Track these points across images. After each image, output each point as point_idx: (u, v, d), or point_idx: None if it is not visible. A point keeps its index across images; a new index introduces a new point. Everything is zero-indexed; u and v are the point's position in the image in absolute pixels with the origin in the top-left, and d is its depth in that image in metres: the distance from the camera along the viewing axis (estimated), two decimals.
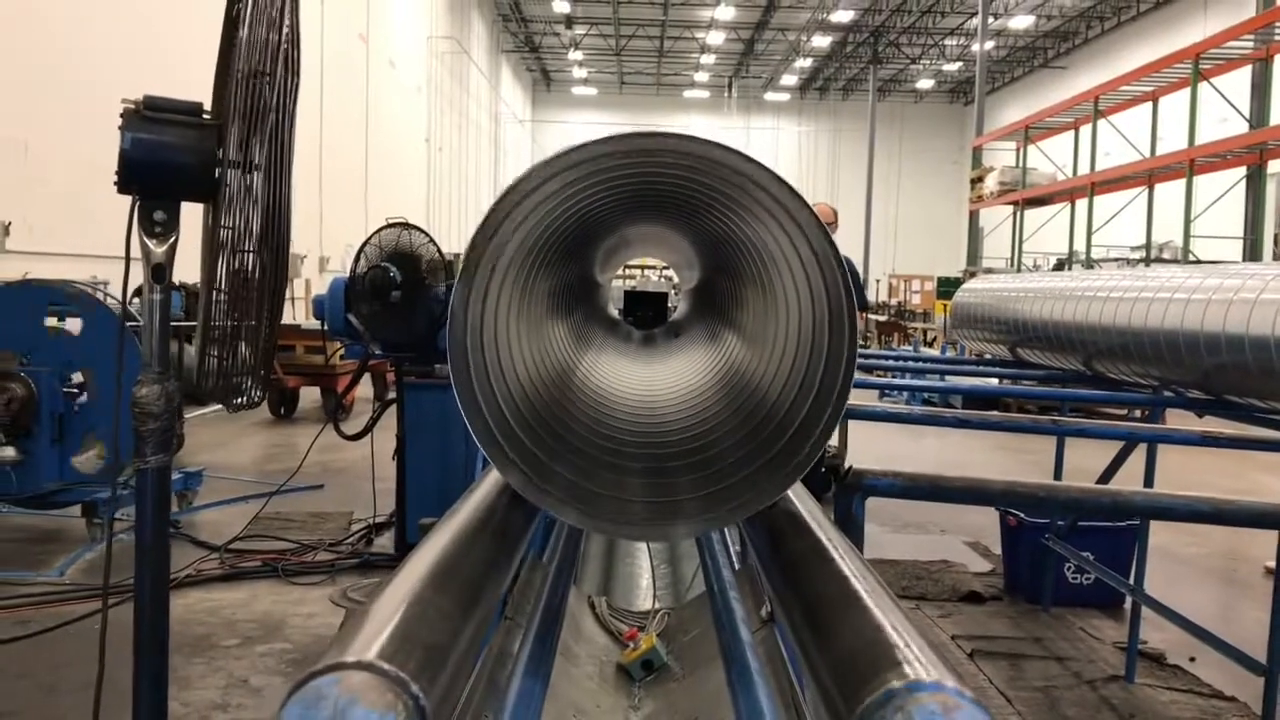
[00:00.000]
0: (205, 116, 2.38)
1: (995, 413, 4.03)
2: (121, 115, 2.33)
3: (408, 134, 28.43)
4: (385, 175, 25.08)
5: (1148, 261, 18.70)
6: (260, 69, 2.24)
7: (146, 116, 2.34)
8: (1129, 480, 5.19)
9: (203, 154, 2.34)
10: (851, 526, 1.98)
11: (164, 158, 2.34)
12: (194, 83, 3.23)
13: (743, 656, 2.10)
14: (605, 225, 2.70)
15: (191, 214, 2.54)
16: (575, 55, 44.97)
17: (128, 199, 2.40)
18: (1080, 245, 20.98)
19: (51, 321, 7.11)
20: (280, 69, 2.25)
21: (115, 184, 2.34)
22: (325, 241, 19.80)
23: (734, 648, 2.18)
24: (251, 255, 2.41)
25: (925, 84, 47.35)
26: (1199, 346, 3.67)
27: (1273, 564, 5.14)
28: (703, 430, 2.04)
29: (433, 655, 0.90)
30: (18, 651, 4.95)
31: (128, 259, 2.35)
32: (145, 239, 2.35)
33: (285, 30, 2.28)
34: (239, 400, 2.59)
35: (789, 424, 1.71)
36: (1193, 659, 5.48)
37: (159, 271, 2.36)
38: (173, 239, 2.37)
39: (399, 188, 26.61)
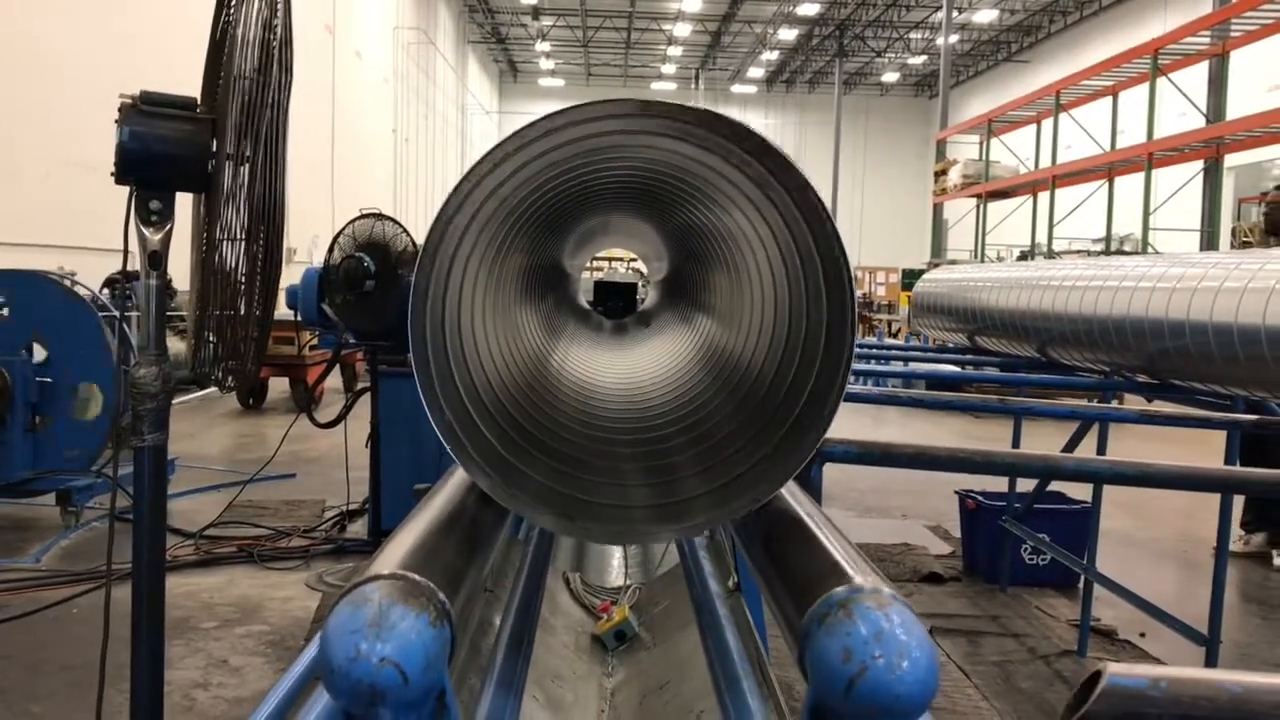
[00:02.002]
0: (199, 110, 2.50)
1: (948, 393, 4.19)
2: (119, 110, 2.44)
3: (374, 125, 28.38)
4: (352, 166, 25.03)
5: (1108, 253, 19.00)
6: (255, 67, 2.36)
7: (143, 111, 2.45)
8: None
9: (197, 147, 2.45)
10: (810, 490, 2.13)
11: (160, 150, 2.46)
12: (173, 77, 3.33)
13: (713, 607, 2.25)
14: (575, 209, 2.81)
15: (182, 207, 2.65)
16: (542, 46, 44.95)
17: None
18: (1042, 238, 21.27)
19: None
20: (275, 68, 2.37)
21: (113, 175, 2.45)
22: (291, 232, 19.77)
23: (705, 600, 2.33)
24: (244, 243, 2.53)
25: (891, 77, 47.68)
26: (1144, 332, 3.86)
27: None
28: (694, 411, 2.04)
29: (451, 574, 1.05)
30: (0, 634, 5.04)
31: (125, 247, 2.47)
32: (142, 228, 2.46)
33: (278, 30, 2.40)
34: (231, 382, 2.71)
35: (784, 403, 1.66)
36: (1143, 634, 5.70)
37: (155, 258, 2.47)
38: (168, 228, 2.49)
39: (366, 179, 26.56)
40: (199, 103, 2.53)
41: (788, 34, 40.88)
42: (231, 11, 2.49)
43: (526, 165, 1.60)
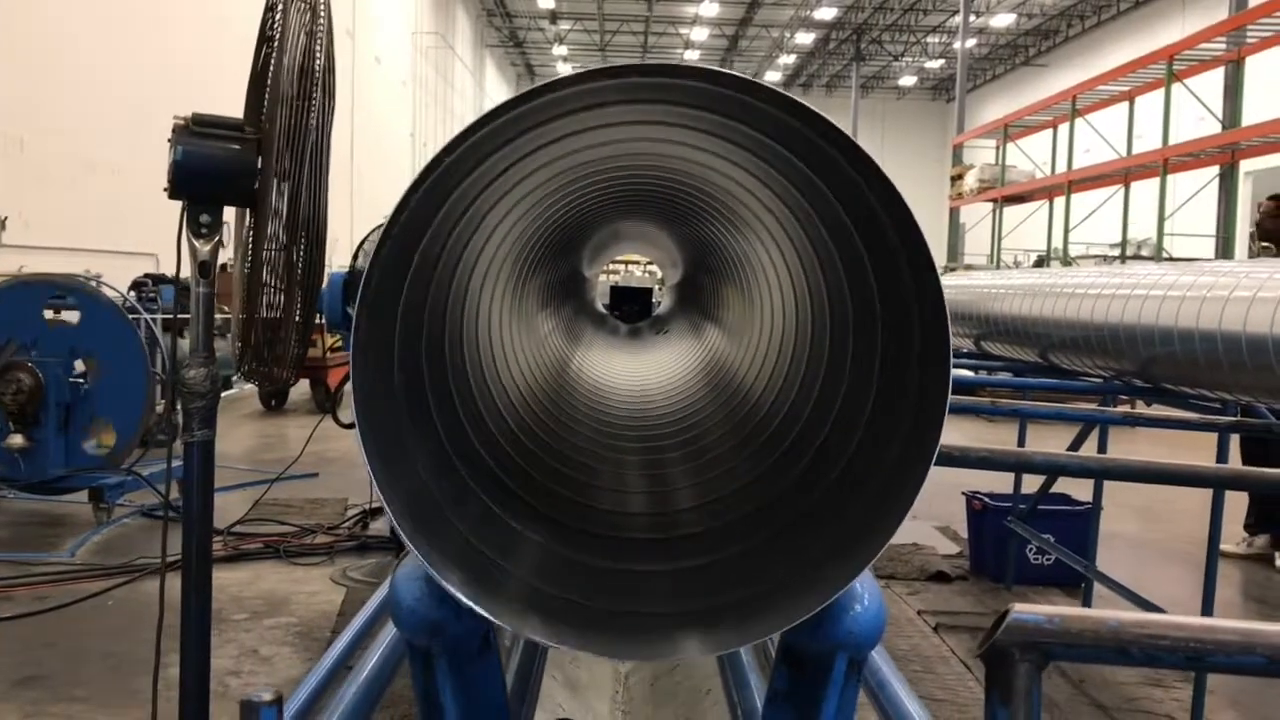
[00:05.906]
0: (246, 131, 2.70)
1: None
2: (172, 129, 2.64)
3: (393, 129, 28.69)
4: (371, 170, 25.31)
5: (1123, 259, 19.10)
6: (298, 93, 2.56)
7: (194, 131, 2.65)
8: None
9: (245, 165, 2.66)
10: None
11: (210, 168, 2.67)
12: (191, 86, 3.54)
13: None
14: (589, 219, 2.98)
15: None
16: (560, 50, 45.22)
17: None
18: (1058, 242, 21.38)
19: (50, 314, 7.44)
20: (319, 93, 2.58)
21: (166, 191, 2.66)
22: None
23: None
24: (285, 255, 2.73)
25: (908, 81, 47.78)
26: (1136, 338, 4.02)
27: (1222, 546, 5.51)
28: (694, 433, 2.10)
29: None
30: (41, 624, 5.27)
31: (179, 256, 2.67)
32: (193, 239, 2.67)
33: (320, 57, 2.60)
34: (275, 385, 2.91)
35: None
36: None
37: (204, 268, 2.68)
38: (216, 239, 2.69)
39: (384, 183, 26.77)
40: (245, 123, 2.74)
41: (805, 38, 41.05)
42: (275, 39, 2.69)
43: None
